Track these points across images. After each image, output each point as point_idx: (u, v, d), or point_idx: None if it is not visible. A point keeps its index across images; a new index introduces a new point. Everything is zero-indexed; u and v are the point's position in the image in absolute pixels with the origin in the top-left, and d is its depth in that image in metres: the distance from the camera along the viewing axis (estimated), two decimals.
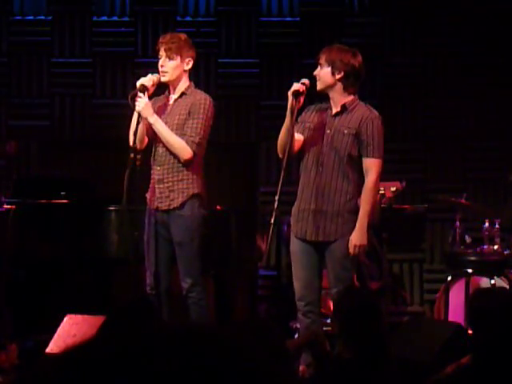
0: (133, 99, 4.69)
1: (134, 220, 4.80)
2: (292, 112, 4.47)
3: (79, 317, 4.68)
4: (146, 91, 4.68)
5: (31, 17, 6.92)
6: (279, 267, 5.90)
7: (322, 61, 4.61)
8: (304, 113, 4.72)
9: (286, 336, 5.18)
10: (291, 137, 4.50)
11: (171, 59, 4.74)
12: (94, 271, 5.83)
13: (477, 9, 6.87)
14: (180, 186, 4.74)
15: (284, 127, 4.56)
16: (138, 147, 4.74)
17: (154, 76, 4.74)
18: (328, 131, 4.61)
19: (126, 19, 6.95)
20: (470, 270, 5.71)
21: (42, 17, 6.93)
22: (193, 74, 4.97)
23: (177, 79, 4.79)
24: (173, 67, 4.75)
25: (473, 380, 3.01)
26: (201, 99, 4.78)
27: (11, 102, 6.91)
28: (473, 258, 5.76)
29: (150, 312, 3.75)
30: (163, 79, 4.76)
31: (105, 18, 6.95)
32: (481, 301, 3.17)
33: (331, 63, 4.57)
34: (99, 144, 6.74)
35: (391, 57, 6.94)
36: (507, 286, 5.62)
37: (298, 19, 6.97)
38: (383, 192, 5.47)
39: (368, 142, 4.54)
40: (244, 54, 6.95)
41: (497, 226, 5.75)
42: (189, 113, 4.76)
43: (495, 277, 5.67)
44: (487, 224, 5.77)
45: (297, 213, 4.68)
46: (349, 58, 4.58)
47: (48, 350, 4.60)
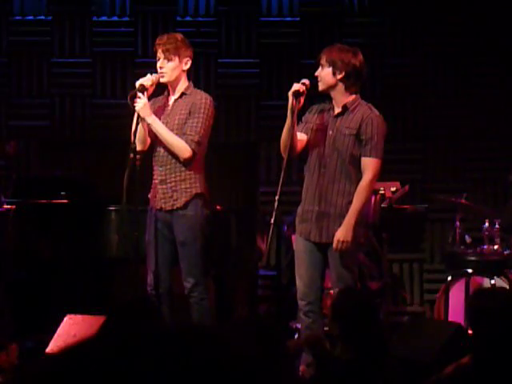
0: (132, 99, 4.69)
1: (134, 220, 4.80)
2: (292, 112, 4.47)
3: (79, 317, 4.68)
4: (145, 91, 4.68)
5: (31, 17, 6.92)
6: (279, 267, 5.90)
7: (323, 61, 4.59)
8: (307, 113, 4.71)
9: (286, 336, 5.18)
10: (292, 137, 4.49)
11: (169, 60, 4.75)
12: (94, 271, 5.83)
13: (477, 9, 6.87)
14: (183, 186, 4.75)
15: (285, 127, 4.55)
16: (140, 148, 4.75)
17: (154, 76, 4.74)
18: (330, 132, 4.60)
19: (126, 19, 6.96)
20: (470, 270, 5.71)
21: (42, 17, 6.92)
22: (193, 74, 4.97)
23: (176, 79, 4.80)
24: (171, 68, 4.76)
25: (473, 380, 3.01)
26: (201, 98, 4.79)
27: (11, 102, 6.91)
28: (473, 258, 5.76)
29: (150, 312, 3.75)
30: (162, 80, 4.76)
31: (105, 18, 6.95)
32: (481, 301, 3.17)
33: (332, 63, 4.56)
34: (99, 144, 6.74)
35: (391, 57, 6.94)
36: (507, 286, 5.61)
37: (298, 19, 6.97)
38: (383, 192, 5.46)
39: (367, 141, 4.52)
40: (244, 54, 6.95)
41: (497, 226, 5.75)
42: (189, 112, 4.76)
43: (495, 277, 5.67)
44: (487, 224, 5.77)
45: (301, 213, 4.68)
46: (349, 58, 4.57)
47: (48, 350, 4.61)
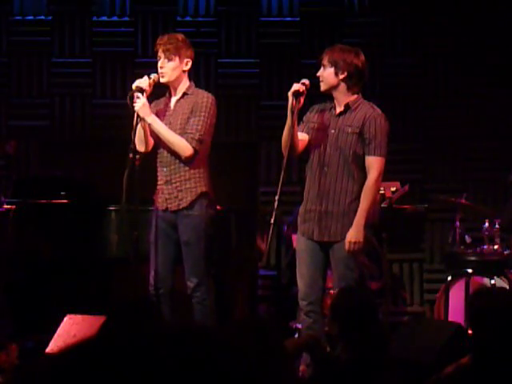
0: (131, 100, 4.69)
1: (134, 220, 4.80)
2: (292, 112, 4.46)
3: (79, 317, 4.68)
4: (144, 92, 4.68)
5: (31, 17, 6.93)
6: (279, 267, 5.90)
7: (325, 61, 4.59)
8: (309, 112, 4.71)
9: (285, 336, 5.17)
10: (292, 137, 4.49)
11: (170, 60, 4.74)
12: (94, 271, 5.83)
13: (477, 8, 6.87)
14: (188, 186, 4.75)
15: (286, 127, 4.55)
16: (143, 150, 4.74)
17: (152, 76, 4.74)
18: (332, 131, 4.60)
19: (126, 19, 6.96)
20: (470, 270, 5.71)
21: (42, 17, 6.93)
22: (193, 74, 4.97)
23: (176, 80, 4.79)
24: (172, 68, 4.75)
25: (473, 380, 3.00)
26: (203, 98, 4.79)
27: (11, 102, 6.91)
28: (473, 258, 5.76)
29: (151, 312, 3.75)
30: (163, 80, 4.76)
31: (105, 18, 6.95)
32: (481, 301, 3.17)
33: (334, 64, 4.55)
34: (99, 144, 6.74)
35: (391, 57, 6.94)
36: (507, 286, 5.61)
37: (298, 19, 6.97)
38: (383, 192, 5.46)
39: (370, 140, 4.52)
40: (244, 54, 6.95)
41: (497, 226, 5.75)
42: (191, 111, 4.77)
43: (495, 277, 5.67)
44: (487, 224, 5.77)
45: (303, 213, 4.67)
46: (352, 58, 4.56)
47: (48, 350, 4.60)
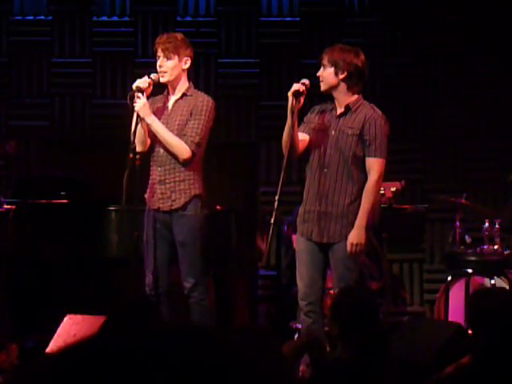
0: (131, 99, 4.69)
1: (134, 220, 4.80)
2: (292, 112, 4.46)
3: (79, 317, 4.67)
4: (144, 92, 4.68)
5: (31, 17, 6.93)
6: (279, 267, 5.90)
7: (325, 61, 4.58)
8: (310, 113, 4.70)
9: (286, 335, 5.17)
10: (292, 137, 4.49)
11: (169, 59, 4.74)
12: (94, 271, 5.83)
13: (477, 8, 6.87)
14: (182, 187, 4.74)
15: (286, 128, 4.55)
16: (140, 149, 4.74)
17: (152, 76, 4.74)
18: (332, 132, 4.59)
19: (126, 19, 6.96)
20: (470, 270, 5.71)
21: (42, 17, 6.93)
22: (193, 74, 4.97)
23: (176, 79, 4.79)
24: (171, 67, 4.75)
25: (473, 380, 3.00)
26: (203, 101, 4.78)
27: (11, 102, 6.91)
28: (473, 258, 5.76)
29: (151, 312, 3.75)
30: (162, 80, 4.76)
31: (105, 18, 6.95)
32: (481, 301, 3.17)
33: (334, 63, 4.54)
34: (99, 144, 6.74)
35: (391, 57, 6.94)
36: (507, 286, 5.61)
37: (298, 19, 6.97)
38: (383, 192, 5.46)
39: (370, 142, 4.51)
40: (244, 54, 6.95)
41: (497, 226, 5.75)
42: (190, 114, 4.76)
43: (495, 277, 5.66)
44: (487, 224, 5.77)
45: (303, 214, 4.67)
46: (352, 58, 4.55)
47: (48, 350, 4.60)
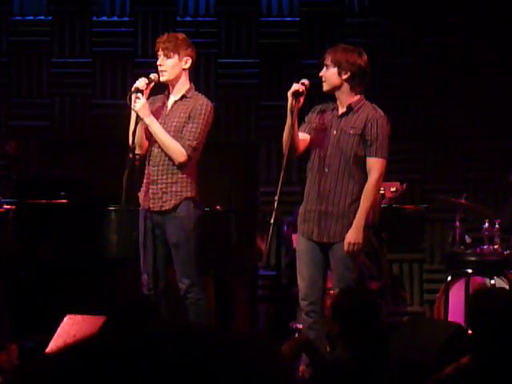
0: (131, 100, 4.69)
1: (133, 220, 4.79)
2: (292, 112, 4.46)
3: (79, 317, 4.67)
4: (143, 92, 4.68)
5: (31, 17, 6.93)
6: (279, 267, 5.89)
7: (328, 61, 4.56)
8: (311, 113, 4.70)
9: (284, 339, 5.17)
10: (292, 137, 4.48)
11: (169, 57, 4.74)
12: (94, 271, 5.82)
13: (477, 8, 6.87)
14: (173, 189, 4.72)
15: (286, 127, 4.54)
16: (140, 151, 4.73)
17: (152, 75, 4.73)
18: (334, 132, 4.58)
19: (126, 19, 6.96)
20: (470, 270, 5.71)
21: (42, 17, 6.93)
22: (193, 74, 4.96)
23: (176, 78, 4.78)
24: (171, 66, 4.75)
25: (473, 380, 3.00)
26: (202, 104, 4.77)
27: (11, 102, 6.91)
28: (473, 258, 5.76)
29: (151, 311, 3.75)
30: (162, 79, 4.75)
31: (104, 18, 6.95)
32: (481, 301, 3.17)
33: (337, 64, 4.52)
34: (99, 144, 6.74)
35: (391, 57, 6.94)
36: (507, 286, 5.61)
37: (298, 19, 6.97)
38: (383, 192, 5.46)
39: (372, 142, 4.51)
40: (244, 54, 6.95)
41: (497, 226, 5.75)
42: (189, 116, 4.74)
43: (495, 277, 5.66)
44: (487, 224, 5.77)
45: (303, 213, 4.66)
46: (355, 58, 4.53)
47: (48, 350, 4.60)
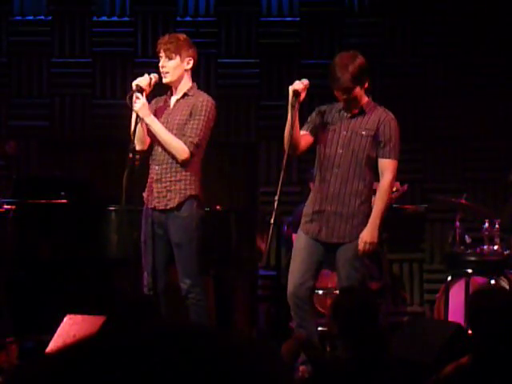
0: (131, 99, 4.68)
1: (133, 220, 4.79)
2: (293, 107, 4.47)
3: (79, 317, 4.67)
4: (143, 91, 4.67)
5: (31, 17, 6.93)
6: (279, 267, 5.89)
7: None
8: (314, 113, 4.70)
9: (283, 339, 5.17)
10: (292, 133, 4.47)
11: (171, 59, 4.73)
12: (94, 271, 5.82)
13: (477, 9, 6.87)
14: (177, 187, 4.72)
15: (287, 124, 4.56)
16: (141, 148, 4.74)
17: (152, 76, 4.73)
18: (344, 133, 4.60)
19: (126, 19, 6.96)
20: (470, 270, 5.71)
21: (42, 17, 6.93)
22: (193, 74, 4.96)
23: (178, 79, 4.78)
24: (173, 67, 4.74)
25: (472, 380, 3.00)
26: (203, 101, 4.77)
27: (11, 102, 6.91)
28: (473, 258, 5.75)
29: (151, 312, 3.75)
30: (165, 80, 4.75)
31: (104, 18, 6.96)
32: (481, 301, 3.17)
33: (354, 78, 4.48)
34: (99, 144, 6.74)
35: (391, 57, 6.94)
36: (507, 286, 5.61)
37: (298, 19, 6.97)
38: None
39: (385, 143, 4.58)
40: (244, 54, 6.95)
41: (497, 226, 5.75)
42: (190, 114, 4.74)
43: (495, 277, 5.66)
44: (487, 224, 5.77)
45: (310, 214, 4.66)
46: (359, 62, 4.51)
47: (48, 350, 4.60)
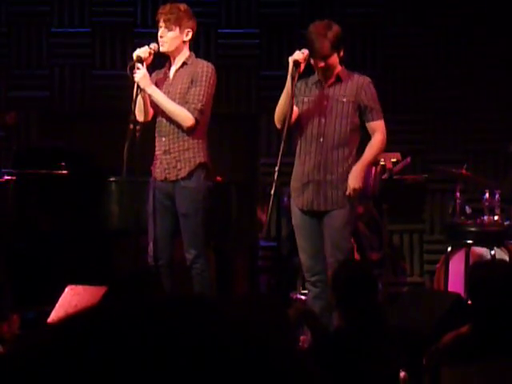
0: (131, 70, 4.67)
1: (134, 191, 4.80)
2: (293, 78, 4.49)
3: (80, 287, 4.69)
4: (144, 62, 4.66)
5: None
6: (279, 238, 5.91)
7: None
8: (295, 88, 4.70)
9: (287, 307, 5.19)
10: (291, 105, 4.49)
11: (170, 30, 4.72)
12: (95, 242, 5.84)
13: None
14: (186, 156, 4.74)
15: (283, 95, 4.57)
16: (143, 119, 4.74)
17: (152, 45, 4.72)
18: (325, 102, 4.64)
19: None
20: (470, 241, 5.72)
21: None
22: (193, 45, 4.94)
23: (176, 50, 4.76)
24: (172, 38, 4.73)
25: (472, 349, 3.02)
26: (203, 67, 4.77)
27: (11, 73, 6.88)
28: (473, 229, 5.76)
29: (152, 283, 3.76)
30: (162, 49, 4.73)
31: None
32: (480, 271, 3.18)
33: (333, 44, 4.59)
34: (98, 115, 6.72)
35: (392, 27, 6.90)
36: (507, 257, 5.63)
37: None
38: (384, 163, 5.46)
39: (370, 107, 4.66)
40: (244, 25, 6.91)
41: (497, 197, 5.75)
42: (191, 81, 4.75)
43: (495, 247, 5.68)
44: (487, 195, 5.77)
45: (300, 187, 4.68)
46: (336, 31, 4.60)
47: (49, 321, 4.63)
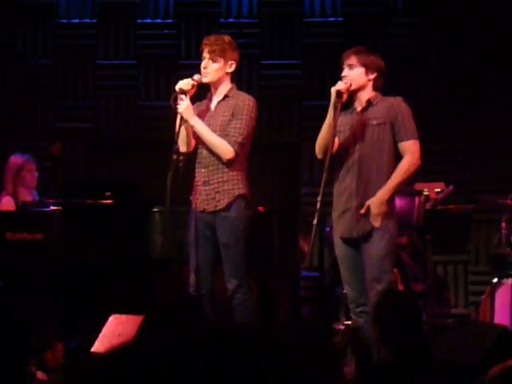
0: (175, 101, 4.71)
1: (177, 221, 4.82)
2: (335, 108, 4.49)
3: (123, 317, 4.72)
4: (187, 93, 4.70)
5: (77, 19, 7.00)
6: (322, 268, 5.88)
7: (354, 62, 4.65)
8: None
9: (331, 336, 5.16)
10: (333, 135, 4.49)
11: (214, 61, 4.75)
12: (138, 271, 5.87)
13: None
14: (226, 187, 4.75)
15: (325, 125, 4.57)
16: (185, 150, 4.77)
17: (196, 77, 4.75)
18: (356, 128, 4.64)
19: (170, 21, 7.00)
20: None
21: (88, 19, 7.00)
22: (235, 76, 4.98)
23: (219, 81, 4.79)
24: (215, 69, 4.76)
25: None
26: (244, 100, 4.79)
27: (57, 104, 6.99)
28: None
29: (195, 312, 3.77)
30: (205, 80, 4.76)
31: (148, 21, 7.00)
32: None
33: (365, 65, 4.64)
34: (143, 145, 6.79)
35: (435, 57, 6.88)
36: None
37: (341, 19, 6.94)
38: (427, 193, 5.42)
39: (400, 127, 4.57)
40: (287, 56, 6.94)
41: None
42: (232, 114, 4.76)
43: None
44: None
45: (339, 214, 4.66)
46: (379, 60, 4.69)
47: (93, 350, 4.66)
